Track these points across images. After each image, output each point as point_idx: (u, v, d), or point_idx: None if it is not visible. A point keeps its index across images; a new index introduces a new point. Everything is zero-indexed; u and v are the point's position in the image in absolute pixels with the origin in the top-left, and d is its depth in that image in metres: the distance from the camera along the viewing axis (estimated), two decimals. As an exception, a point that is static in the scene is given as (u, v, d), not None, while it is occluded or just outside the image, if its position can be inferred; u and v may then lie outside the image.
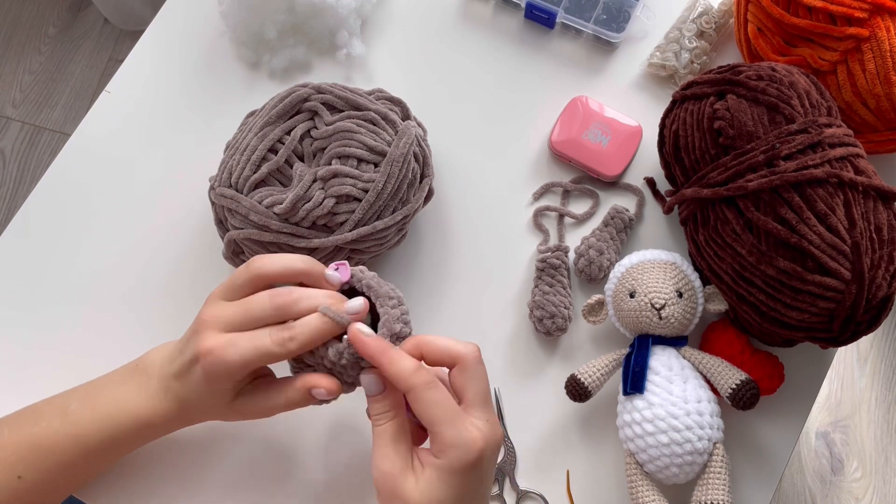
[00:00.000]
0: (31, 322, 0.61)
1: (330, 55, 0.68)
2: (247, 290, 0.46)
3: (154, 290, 0.61)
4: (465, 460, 0.41)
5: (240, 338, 0.44)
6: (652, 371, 0.52)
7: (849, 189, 0.48)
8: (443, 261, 0.61)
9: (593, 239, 0.59)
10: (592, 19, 0.65)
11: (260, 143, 0.55)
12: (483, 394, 0.43)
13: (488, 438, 0.42)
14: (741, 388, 0.50)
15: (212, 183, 0.57)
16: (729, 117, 0.51)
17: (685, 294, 0.53)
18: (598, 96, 0.64)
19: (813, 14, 0.55)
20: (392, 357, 0.42)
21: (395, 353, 0.43)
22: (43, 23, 1.67)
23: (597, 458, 0.56)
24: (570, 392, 0.54)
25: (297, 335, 0.44)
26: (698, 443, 0.50)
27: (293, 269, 0.46)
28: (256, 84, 0.67)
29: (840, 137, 0.49)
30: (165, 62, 0.68)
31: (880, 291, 0.47)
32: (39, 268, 0.62)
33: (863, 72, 0.54)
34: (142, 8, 1.57)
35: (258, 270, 0.46)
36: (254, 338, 0.44)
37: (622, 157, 0.61)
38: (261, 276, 0.46)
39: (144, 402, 0.48)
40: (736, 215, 0.50)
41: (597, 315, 0.56)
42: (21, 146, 1.58)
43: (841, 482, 1.29)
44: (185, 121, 0.66)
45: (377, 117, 0.56)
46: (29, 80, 1.62)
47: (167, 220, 0.63)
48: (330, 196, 0.53)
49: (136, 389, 0.48)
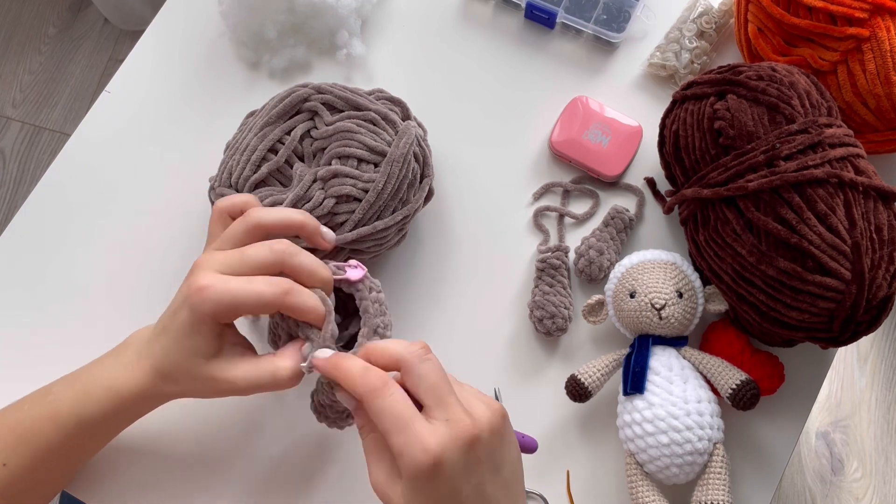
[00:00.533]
0: (31, 322, 0.61)
1: (330, 55, 0.68)
2: (243, 241, 0.46)
3: (154, 290, 0.61)
4: (417, 469, 0.37)
5: (235, 278, 0.44)
6: (652, 371, 0.52)
7: (849, 189, 0.48)
8: (443, 261, 0.61)
9: (593, 239, 0.59)
10: (592, 19, 0.65)
11: (260, 143, 0.55)
12: (434, 391, 0.40)
13: (445, 444, 0.38)
14: (741, 389, 0.50)
15: (212, 183, 0.57)
16: (729, 117, 0.51)
17: (685, 294, 0.53)
18: (598, 96, 0.64)
19: (813, 14, 0.55)
20: (343, 369, 0.42)
21: (346, 364, 0.42)
22: (43, 23, 1.67)
23: (597, 458, 0.56)
24: (570, 392, 0.54)
25: (295, 291, 0.44)
26: (698, 443, 0.50)
27: (291, 220, 0.47)
28: (256, 84, 0.67)
29: (840, 137, 0.49)
30: (165, 62, 0.68)
31: (880, 291, 0.47)
32: (39, 268, 0.62)
33: (863, 72, 0.54)
34: (142, 8, 1.57)
35: (257, 220, 0.46)
36: (250, 280, 0.44)
37: (622, 157, 0.61)
38: (259, 226, 0.46)
39: (116, 371, 0.47)
40: (736, 215, 0.50)
41: (597, 315, 0.56)
42: (21, 146, 1.58)
43: (841, 482, 1.29)
44: (185, 121, 0.66)
45: (377, 117, 0.56)
46: (29, 80, 1.62)
47: (167, 219, 0.63)
48: (330, 196, 0.53)
49: (112, 362, 0.48)
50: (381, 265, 0.61)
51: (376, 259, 0.60)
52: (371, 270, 0.61)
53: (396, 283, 0.61)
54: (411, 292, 0.60)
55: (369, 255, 0.57)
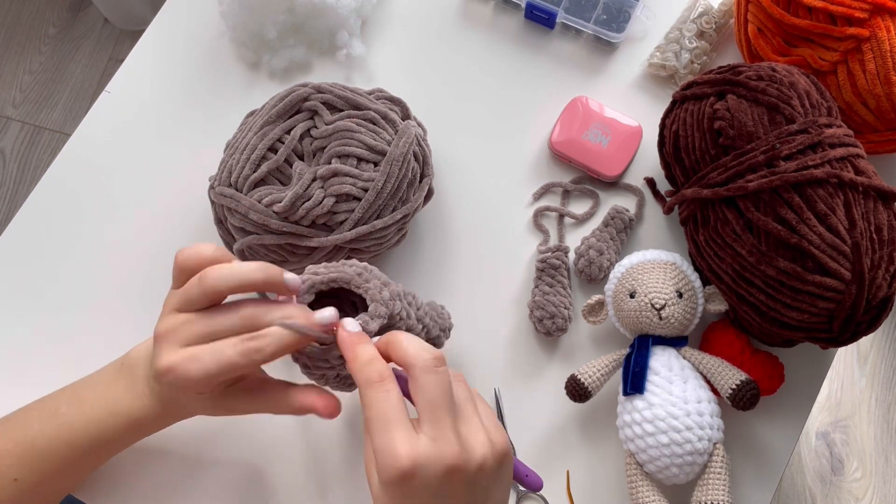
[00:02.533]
0: (31, 321, 0.61)
1: (330, 55, 0.68)
2: (202, 305, 0.43)
3: (154, 290, 0.61)
4: (386, 473, 0.37)
5: (202, 352, 0.41)
6: (652, 371, 0.52)
7: (849, 189, 0.48)
8: (443, 261, 0.61)
9: (593, 239, 0.59)
10: (592, 19, 0.65)
11: (260, 143, 0.55)
12: (429, 406, 0.38)
13: (419, 459, 0.36)
14: (741, 389, 0.50)
15: (212, 182, 0.57)
16: (729, 117, 0.51)
17: (685, 294, 0.53)
18: (598, 96, 0.64)
19: (813, 14, 0.55)
20: (356, 352, 0.41)
21: (361, 348, 0.41)
22: (43, 23, 1.67)
23: (597, 458, 0.56)
24: (570, 392, 0.54)
25: (264, 346, 0.41)
26: (698, 443, 0.50)
27: (248, 280, 0.42)
28: (256, 84, 0.67)
29: (840, 137, 0.49)
30: (165, 62, 0.68)
31: (880, 292, 0.47)
32: (39, 267, 0.62)
33: (863, 72, 0.54)
34: (142, 8, 1.57)
35: (212, 287, 0.42)
36: (216, 351, 0.41)
37: (622, 157, 0.61)
38: (216, 292, 0.42)
39: (132, 403, 0.47)
40: (736, 215, 0.50)
41: (597, 315, 0.56)
42: (21, 146, 1.58)
43: (841, 482, 1.29)
44: (185, 120, 0.66)
45: (377, 117, 0.56)
46: (29, 80, 1.62)
47: (167, 219, 0.63)
48: (329, 195, 0.53)
49: (124, 390, 0.48)
50: (381, 265, 0.61)
51: (376, 258, 0.60)
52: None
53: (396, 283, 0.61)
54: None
55: (369, 255, 0.57)
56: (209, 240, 0.60)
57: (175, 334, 0.43)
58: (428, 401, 0.38)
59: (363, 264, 0.47)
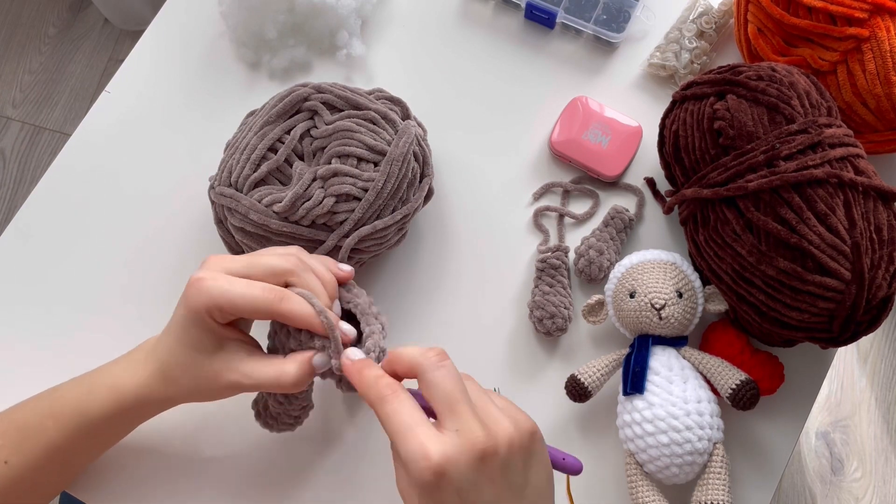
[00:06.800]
0: (31, 322, 0.61)
1: (330, 55, 0.68)
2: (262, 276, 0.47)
3: (154, 289, 0.61)
4: (420, 477, 0.36)
5: (237, 279, 0.44)
6: (652, 371, 0.52)
7: (849, 189, 0.48)
8: (443, 261, 0.61)
9: (593, 239, 0.59)
10: (592, 19, 0.65)
11: (260, 143, 0.55)
12: (445, 400, 0.38)
13: (449, 453, 0.36)
14: (741, 389, 0.50)
15: (211, 182, 0.57)
16: (729, 117, 0.51)
17: (685, 294, 0.53)
18: (598, 96, 0.64)
19: (813, 14, 0.55)
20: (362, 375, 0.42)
21: (367, 371, 0.42)
22: (43, 23, 1.67)
23: (597, 458, 0.56)
24: (570, 392, 0.54)
25: (291, 297, 0.44)
26: (698, 443, 0.50)
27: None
28: (256, 84, 0.67)
29: (840, 137, 0.49)
30: (165, 62, 0.68)
31: (880, 291, 0.47)
32: (39, 268, 0.62)
33: (863, 72, 0.54)
34: (142, 8, 1.57)
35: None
36: (249, 284, 0.44)
37: (622, 157, 0.61)
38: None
39: (122, 372, 0.48)
40: (736, 215, 0.50)
41: (597, 315, 0.56)
42: (21, 146, 1.58)
43: (841, 482, 1.29)
44: (185, 120, 0.66)
45: (377, 117, 0.56)
46: (29, 80, 1.62)
47: (167, 219, 0.63)
48: (330, 195, 0.53)
49: (121, 363, 0.49)
50: (381, 264, 0.61)
51: (376, 258, 0.60)
52: (371, 270, 0.61)
53: (396, 283, 0.61)
54: (411, 292, 0.60)
55: (369, 255, 0.57)
56: (209, 239, 0.61)
57: (220, 262, 0.46)
58: (442, 395, 0.39)
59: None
